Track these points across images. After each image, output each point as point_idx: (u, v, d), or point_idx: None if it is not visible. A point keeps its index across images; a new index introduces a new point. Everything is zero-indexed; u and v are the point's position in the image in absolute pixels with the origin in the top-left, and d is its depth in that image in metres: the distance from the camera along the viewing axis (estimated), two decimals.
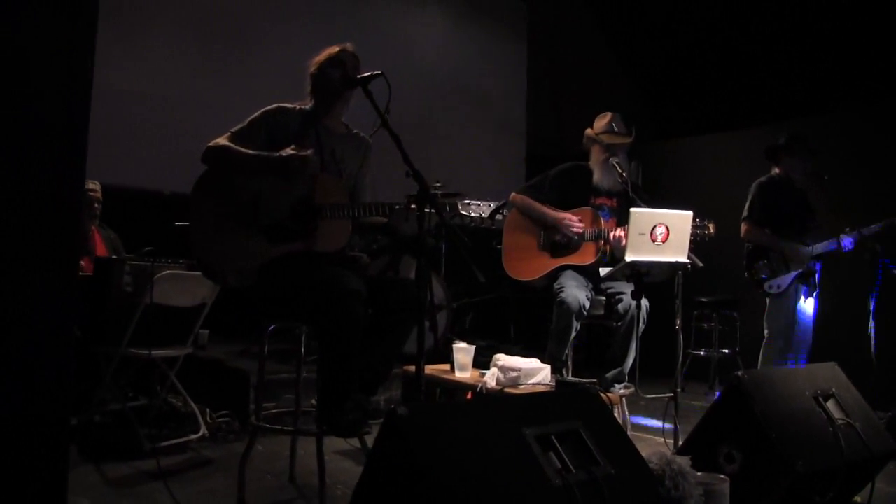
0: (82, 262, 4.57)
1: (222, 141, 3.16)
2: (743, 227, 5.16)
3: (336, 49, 3.30)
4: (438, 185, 5.57)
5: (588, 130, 4.53)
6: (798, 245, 4.97)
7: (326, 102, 3.33)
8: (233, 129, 3.22)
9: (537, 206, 4.45)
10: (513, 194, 4.55)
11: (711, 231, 4.05)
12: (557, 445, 2.14)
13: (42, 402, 1.74)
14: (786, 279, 4.97)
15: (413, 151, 2.80)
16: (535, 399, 2.66)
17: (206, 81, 6.38)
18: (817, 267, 5.02)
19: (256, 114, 3.29)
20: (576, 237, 4.33)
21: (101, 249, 4.78)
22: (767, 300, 5.10)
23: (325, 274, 2.97)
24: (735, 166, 6.85)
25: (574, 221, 4.32)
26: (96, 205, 4.83)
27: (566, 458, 2.12)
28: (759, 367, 5.06)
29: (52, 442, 1.77)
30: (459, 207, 2.98)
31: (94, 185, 4.81)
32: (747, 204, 5.18)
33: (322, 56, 3.32)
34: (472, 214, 3.00)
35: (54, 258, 1.76)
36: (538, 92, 9.02)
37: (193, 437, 4.10)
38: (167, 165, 5.69)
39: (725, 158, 7.60)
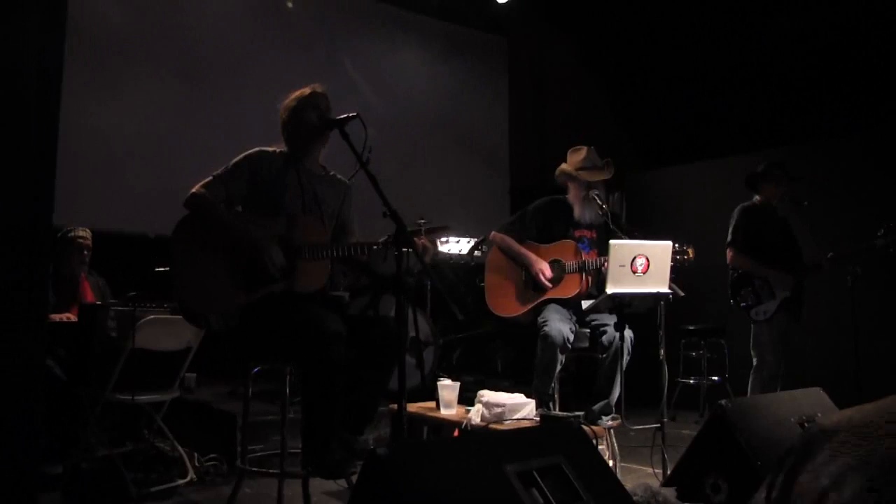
0: (73, 311, 4.58)
1: (206, 191, 3.17)
2: (728, 253, 5.20)
3: (307, 91, 3.32)
4: (423, 221, 5.59)
5: (563, 166, 4.53)
6: (782, 271, 5.01)
7: (305, 145, 3.35)
8: (215, 174, 3.24)
9: (515, 246, 4.47)
10: (493, 233, 4.56)
11: (690, 255, 4.08)
12: (539, 481, 2.14)
13: (6, 452, 1.72)
14: (771, 305, 5.00)
15: (397, 187, 2.84)
16: (517, 435, 2.66)
17: (189, 123, 6.44)
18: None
19: (238, 158, 3.30)
20: (544, 288, 4.36)
21: (89, 297, 4.77)
22: (753, 326, 5.12)
23: (305, 316, 2.98)
24: (719, 195, 6.90)
25: (545, 274, 4.34)
26: (86, 252, 4.83)
27: (548, 494, 2.12)
28: (748, 394, 5.07)
29: (16, 494, 1.75)
30: (438, 245, 3.00)
31: (84, 233, 4.82)
32: (731, 229, 5.22)
33: (292, 100, 3.34)
34: (452, 251, 3.02)
35: (19, 309, 1.75)
36: (520, 125, 9.10)
37: (181, 481, 4.07)
38: (152, 208, 5.71)
39: (709, 187, 7.67)
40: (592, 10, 8.82)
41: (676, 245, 4.00)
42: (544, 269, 4.34)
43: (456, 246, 3.05)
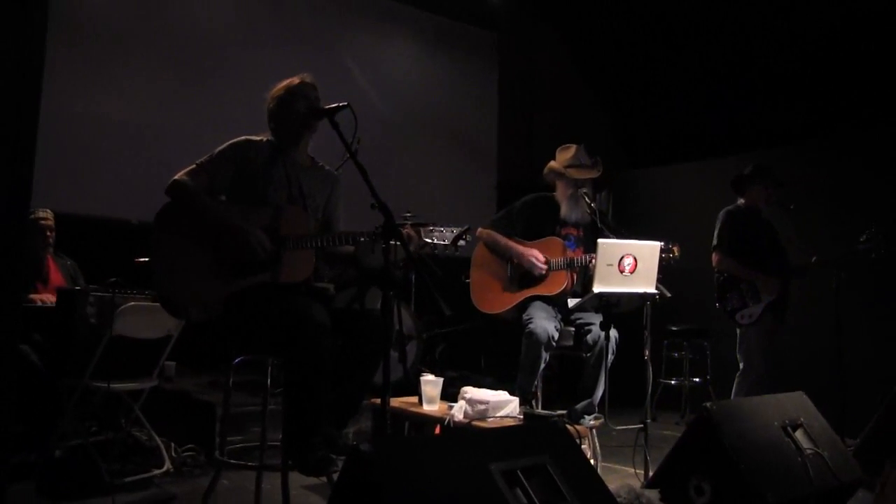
0: (40, 293, 4.51)
1: (189, 179, 3.11)
2: (714, 256, 5.17)
3: (296, 80, 3.28)
4: (409, 214, 5.56)
5: (552, 164, 4.51)
6: (769, 275, 4.99)
7: (293, 135, 3.30)
8: (198, 162, 3.18)
9: (503, 240, 4.45)
10: (479, 229, 4.54)
11: (676, 253, 4.07)
12: (524, 481, 2.11)
13: None
14: (757, 309, 4.98)
15: (384, 180, 2.79)
16: (502, 433, 2.63)
17: (175, 109, 6.36)
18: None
19: (224, 146, 3.25)
20: (538, 273, 4.33)
21: (56, 278, 4.70)
22: (738, 331, 5.11)
23: (290, 306, 2.94)
24: (705, 196, 6.91)
25: (538, 259, 4.32)
26: (49, 233, 4.74)
27: (533, 494, 2.10)
28: (732, 397, 5.06)
29: None
30: (423, 235, 2.96)
31: (45, 214, 4.73)
32: (716, 232, 5.21)
33: (280, 89, 3.29)
34: (436, 241, 2.98)
35: None
36: (509, 120, 9.07)
37: (157, 472, 4.01)
38: (135, 194, 5.63)
39: (696, 188, 7.68)
40: (583, 8, 8.80)
41: (663, 244, 3.99)
42: (536, 255, 4.32)
43: (440, 236, 3.00)
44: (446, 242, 3.04)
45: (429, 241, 3.02)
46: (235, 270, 3.08)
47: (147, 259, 3.09)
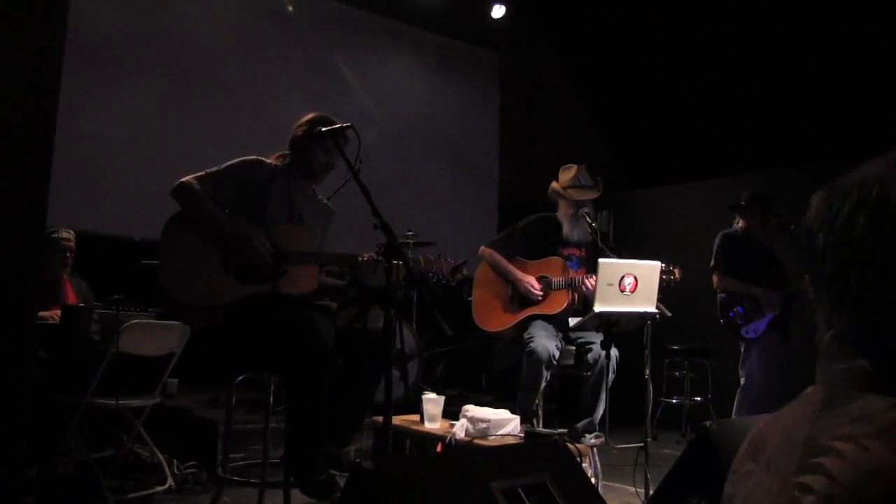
0: (52, 311, 4.52)
1: (196, 184, 3.15)
2: (714, 278, 5.21)
3: (330, 124, 3.24)
4: (411, 233, 5.58)
5: (554, 184, 4.55)
6: (769, 288, 5.01)
7: (308, 172, 3.38)
8: (209, 170, 3.23)
9: (503, 262, 4.48)
10: (482, 248, 4.58)
11: (677, 276, 4.08)
12: (524, 499, 2.12)
13: None
14: (761, 323, 5.00)
15: (386, 200, 2.81)
16: (503, 452, 2.64)
17: (178, 127, 6.40)
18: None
19: (234, 161, 3.29)
20: (535, 300, 4.36)
21: (71, 298, 4.72)
22: (742, 347, 5.12)
23: (293, 320, 2.96)
24: (705, 216, 6.93)
25: (534, 287, 4.35)
26: (69, 254, 4.77)
27: None
28: (734, 414, 5.06)
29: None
30: (423, 263, 2.99)
31: (67, 234, 4.76)
32: (714, 254, 5.24)
33: (311, 124, 3.28)
34: (434, 274, 3.01)
35: (8, 309, 1.72)
36: (511, 140, 9.12)
37: (159, 488, 4.02)
38: (137, 211, 5.68)
39: (696, 208, 7.70)
40: (585, 29, 8.87)
41: (663, 265, 4.01)
42: (532, 282, 4.35)
43: (438, 270, 3.04)
44: (444, 273, 3.07)
45: (427, 271, 3.05)
46: (241, 274, 3.10)
47: (153, 262, 3.10)
